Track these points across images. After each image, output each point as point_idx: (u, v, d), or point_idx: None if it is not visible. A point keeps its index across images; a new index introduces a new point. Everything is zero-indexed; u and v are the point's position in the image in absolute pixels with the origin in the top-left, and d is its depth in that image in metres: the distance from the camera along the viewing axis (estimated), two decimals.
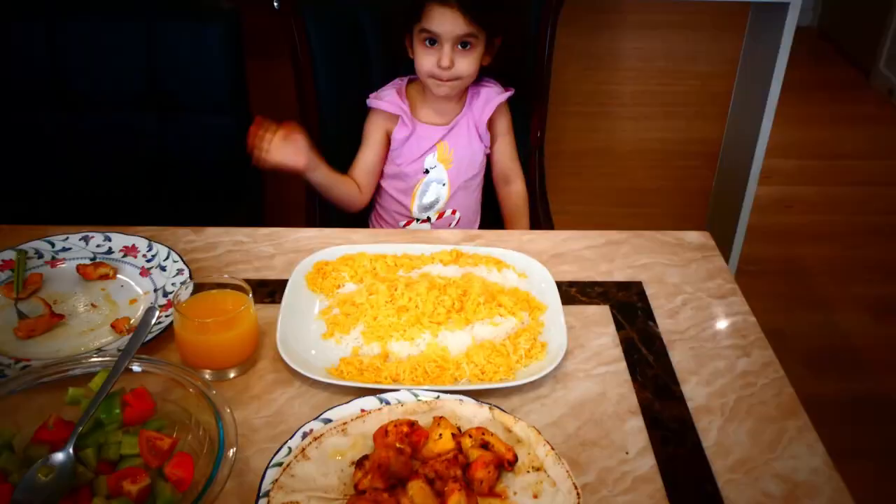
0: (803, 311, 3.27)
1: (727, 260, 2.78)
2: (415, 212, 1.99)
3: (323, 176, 1.85)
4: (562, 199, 2.40)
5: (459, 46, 1.80)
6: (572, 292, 1.49)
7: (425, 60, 1.83)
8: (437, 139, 1.95)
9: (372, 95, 1.97)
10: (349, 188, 1.95)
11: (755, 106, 2.73)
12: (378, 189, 2.03)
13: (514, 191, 2.09)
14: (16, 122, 2.13)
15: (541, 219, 2.15)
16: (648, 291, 1.51)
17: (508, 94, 1.99)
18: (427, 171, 1.97)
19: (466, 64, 1.83)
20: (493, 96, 1.98)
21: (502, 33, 1.87)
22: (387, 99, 1.94)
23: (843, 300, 3.34)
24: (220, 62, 2.06)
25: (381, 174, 2.01)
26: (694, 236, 1.67)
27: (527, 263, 1.53)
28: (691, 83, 2.84)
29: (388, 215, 2.04)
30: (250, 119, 2.13)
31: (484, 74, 1.95)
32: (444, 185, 1.98)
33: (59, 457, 1.02)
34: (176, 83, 2.09)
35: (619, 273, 1.56)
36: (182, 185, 2.20)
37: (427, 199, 1.98)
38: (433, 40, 1.80)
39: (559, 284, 1.47)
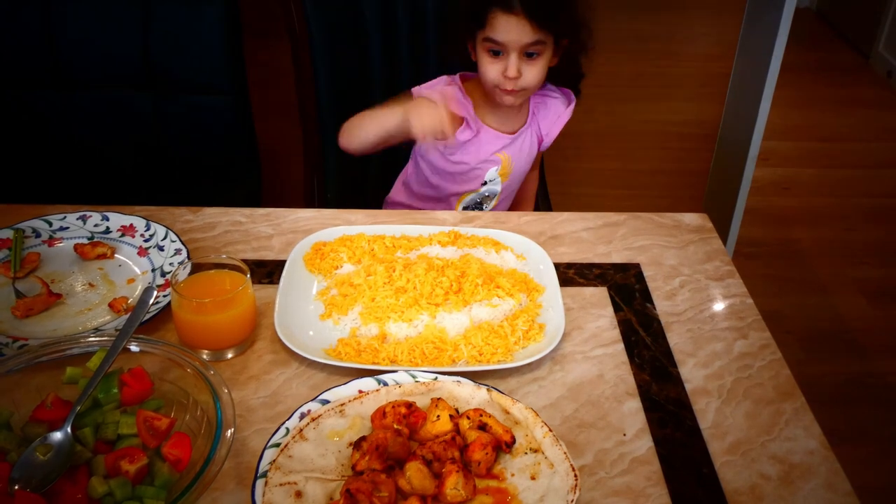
0: (800, 293, 3.28)
1: (725, 242, 2.78)
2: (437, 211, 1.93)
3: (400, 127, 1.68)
4: (560, 181, 2.40)
5: (526, 55, 1.71)
6: (570, 274, 1.50)
7: (490, 69, 1.73)
8: (500, 147, 1.87)
9: (424, 88, 1.83)
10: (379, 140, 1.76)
11: (754, 88, 2.73)
12: (422, 182, 1.94)
13: (533, 178, 2.10)
14: (11, 102, 2.13)
15: (539, 200, 2.16)
16: (646, 273, 1.51)
17: (573, 102, 1.91)
18: (485, 183, 1.90)
19: (534, 73, 1.73)
20: (561, 110, 1.90)
21: (570, 34, 1.76)
22: (449, 97, 1.77)
23: (839, 283, 3.35)
24: (218, 42, 2.05)
25: (433, 172, 1.90)
26: (692, 218, 1.67)
27: (525, 245, 1.53)
28: (690, 65, 2.84)
29: (423, 204, 1.97)
30: (248, 99, 2.14)
31: None
32: (494, 197, 1.93)
33: (57, 436, 1.03)
34: (173, 63, 2.08)
35: (616, 255, 1.56)
36: (180, 166, 2.20)
37: (473, 208, 1.93)
38: (498, 51, 1.70)
39: (557, 266, 1.47)
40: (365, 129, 1.74)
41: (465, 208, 1.94)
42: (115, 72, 2.09)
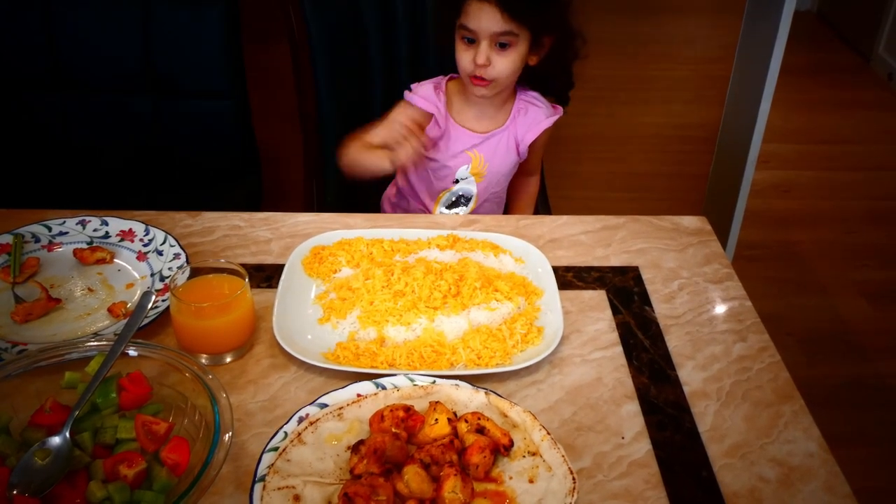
0: (800, 295, 3.28)
1: (724, 245, 2.78)
2: (436, 215, 1.95)
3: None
4: (559, 185, 2.40)
5: (498, 46, 1.73)
6: (569, 277, 1.50)
7: (463, 57, 1.76)
8: (470, 145, 1.88)
9: (413, 86, 1.89)
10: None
11: (753, 90, 2.73)
12: (405, 181, 1.98)
13: (533, 182, 2.10)
14: (11, 103, 2.13)
15: (538, 204, 2.16)
16: (645, 276, 1.51)
17: (557, 115, 1.92)
18: (457, 181, 1.91)
19: (504, 63, 1.74)
20: (541, 118, 1.90)
21: (550, 32, 1.78)
22: (422, 94, 1.86)
23: (839, 285, 3.34)
24: (218, 44, 2.05)
25: (412, 170, 1.93)
26: (690, 221, 1.67)
27: (524, 248, 1.53)
28: (689, 67, 2.84)
29: (408, 208, 2.00)
30: (247, 102, 2.14)
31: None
32: (471, 197, 1.94)
33: (56, 441, 1.03)
34: (174, 66, 2.08)
35: (615, 258, 1.56)
36: (179, 168, 2.20)
37: (451, 207, 1.94)
38: (472, 39, 1.73)
39: (556, 269, 1.47)
40: (359, 169, 1.83)
41: (445, 207, 1.95)
42: (115, 74, 2.10)
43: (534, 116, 1.91)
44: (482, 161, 1.90)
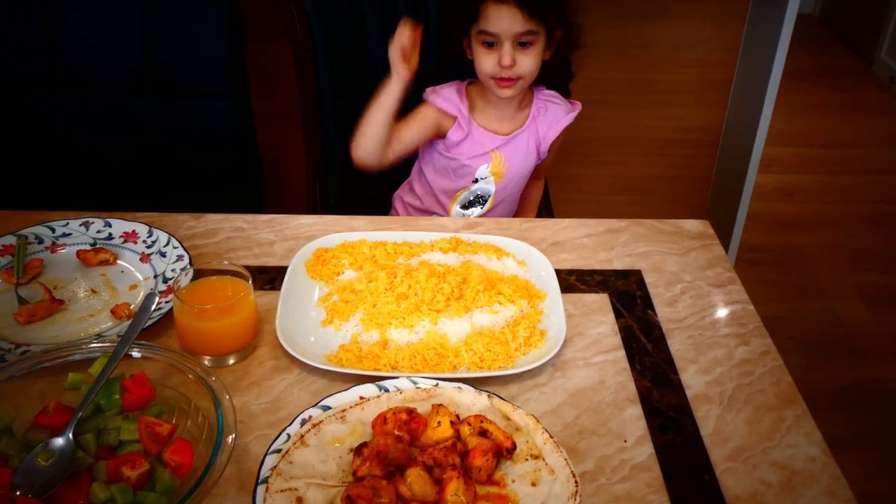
0: (802, 299, 3.28)
1: (727, 248, 2.78)
2: (452, 214, 1.96)
3: (398, 97, 1.75)
4: (562, 188, 2.40)
5: (519, 45, 1.73)
6: (571, 280, 1.50)
7: (485, 61, 1.76)
8: (493, 146, 1.89)
9: (429, 90, 1.89)
10: (388, 133, 1.79)
11: (755, 94, 2.73)
12: (422, 179, 1.99)
13: (538, 186, 2.11)
14: (11, 103, 2.13)
15: (541, 207, 2.16)
16: (647, 280, 1.51)
17: (576, 112, 1.93)
18: (476, 181, 1.91)
19: (528, 62, 1.75)
20: (561, 115, 1.91)
21: (562, 26, 1.80)
22: (445, 97, 1.86)
23: (841, 288, 3.34)
24: (220, 46, 2.05)
25: (430, 167, 1.95)
26: (693, 224, 1.67)
27: (526, 251, 1.53)
28: (691, 71, 2.84)
29: (422, 206, 2.00)
30: (249, 103, 2.13)
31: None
32: (488, 197, 1.94)
33: (59, 442, 1.03)
34: (175, 67, 2.08)
35: (618, 261, 1.56)
36: (182, 171, 2.20)
37: (467, 207, 1.95)
38: (492, 42, 1.74)
39: (558, 272, 1.47)
40: (368, 122, 1.77)
41: (461, 207, 1.95)
42: (115, 74, 2.10)
43: (553, 114, 1.92)
44: (502, 161, 1.90)
